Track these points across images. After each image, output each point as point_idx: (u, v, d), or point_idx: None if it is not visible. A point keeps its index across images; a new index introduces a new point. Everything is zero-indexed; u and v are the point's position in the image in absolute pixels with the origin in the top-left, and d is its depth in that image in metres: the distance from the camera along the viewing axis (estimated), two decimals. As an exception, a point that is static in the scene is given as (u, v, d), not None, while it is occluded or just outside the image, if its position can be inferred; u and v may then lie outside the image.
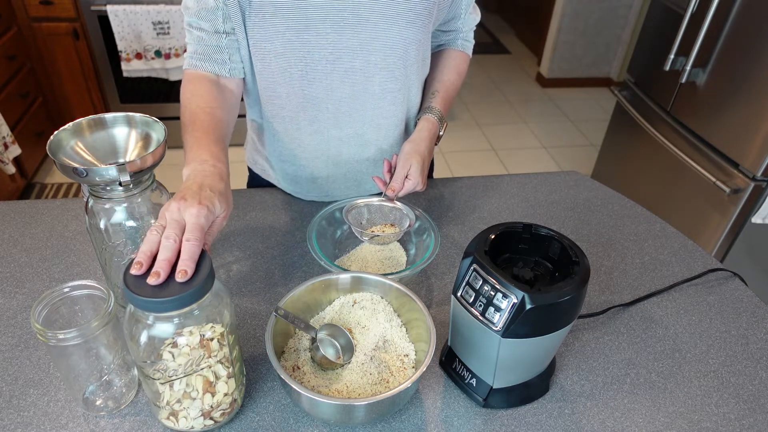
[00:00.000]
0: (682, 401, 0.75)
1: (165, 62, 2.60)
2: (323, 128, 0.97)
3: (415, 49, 0.92)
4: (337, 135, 0.98)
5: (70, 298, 0.66)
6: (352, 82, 0.91)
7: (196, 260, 0.59)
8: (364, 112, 0.96)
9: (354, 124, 0.97)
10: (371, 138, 1.00)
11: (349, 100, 0.93)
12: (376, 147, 1.02)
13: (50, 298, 0.64)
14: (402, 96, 0.97)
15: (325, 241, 0.90)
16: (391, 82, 0.93)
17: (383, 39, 0.87)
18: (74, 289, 0.66)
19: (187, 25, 0.89)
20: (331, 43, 0.86)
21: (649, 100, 2.12)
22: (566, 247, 0.69)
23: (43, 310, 0.63)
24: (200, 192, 0.65)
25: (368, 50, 0.88)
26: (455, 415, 0.72)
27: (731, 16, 1.68)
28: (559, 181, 1.20)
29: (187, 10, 0.87)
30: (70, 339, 0.61)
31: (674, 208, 2.02)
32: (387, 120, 0.98)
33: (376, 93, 0.94)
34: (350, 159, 1.02)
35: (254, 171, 1.17)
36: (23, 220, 1.02)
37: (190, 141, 0.77)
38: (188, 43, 0.90)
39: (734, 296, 0.92)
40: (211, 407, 0.64)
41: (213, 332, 0.61)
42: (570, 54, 3.88)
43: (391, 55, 0.90)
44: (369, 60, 0.89)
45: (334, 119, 0.96)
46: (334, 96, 0.92)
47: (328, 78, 0.90)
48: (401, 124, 1.01)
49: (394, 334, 0.75)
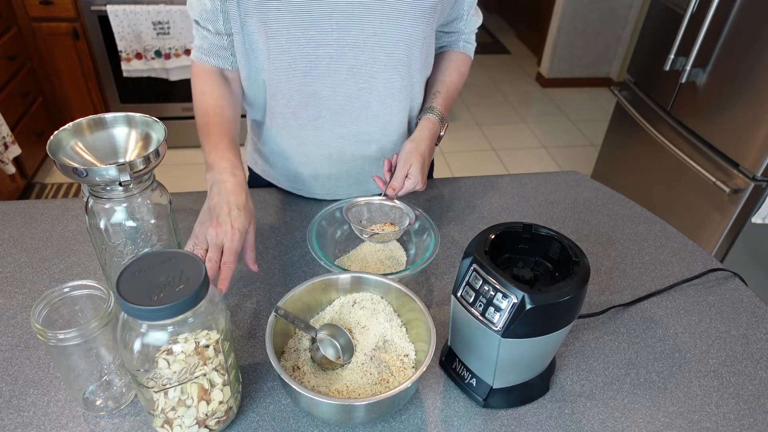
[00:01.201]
0: (682, 401, 0.75)
1: (165, 62, 2.60)
2: (326, 125, 0.97)
3: (420, 47, 0.92)
4: (340, 132, 0.98)
5: (70, 298, 0.66)
6: (356, 79, 0.91)
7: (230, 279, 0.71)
8: (367, 109, 0.96)
9: (357, 121, 0.97)
10: (374, 136, 1.00)
11: (353, 97, 0.93)
12: (378, 145, 1.02)
13: (50, 298, 0.64)
14: (405, 94, 0.97)
15: (325, 241, 0.90)
16: (396, 80, 0.93)
17: (388, 36, 0.87)
18: (74, 289, 0.66)
19: (193, 21, 0.93)
20: (336, 39, 0.86)
21: (649, 100, 2.12)
22: (566, 247, 0.69)
23: (43, 310, 0.63)
24: (230, 214, 0.76)
25: (373, 47, 0.88)
26: (455, 415, 0.72)
27: (731, 16, 1.68)
28: (559, 181, 1.20)
29: (191, 10, 0.91)
30: (70, 339, 0.61)
31: (674, 208, 2.02)
32: (390, 118, 0.98)
33: (380, 90, 0.94)
34: (352, 157, 1.02)
35: (254, 171, 1.17)
36: (23, 220, 1.02)
37: (207, 146, 0.87)
38: (194, 36, 0.95)
39: (734, 296, 0.92)
40: (206, 415, 0.63)
41: (208, 339, 0.60)
42: (570, 54, 3.88)
43: (396, 53, 0.90)
44: (374, 57, 0.89)
45: (337, 116, 0.96)
46: (338, 93, 0.93)
47: (332, 75, 0.90)
48: (404, 123, 1.01)
49: (394, 334, 0.75)
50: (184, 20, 2.50)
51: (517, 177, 1.20)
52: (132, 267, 0.58)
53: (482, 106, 3.72)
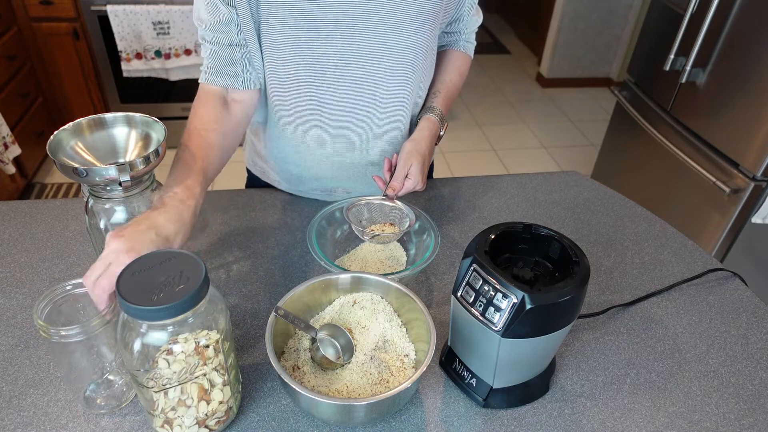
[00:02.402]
0: (682, 401, 0.75)
1: (165, 62, 2.60)
2: (329, 133, 0.97)
3: (423, 55, 0.92)
4: (343, 140, 0.98)
5: (73, 295, 0.66)
6: (360, 88, 0.91)
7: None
8: (371, 118, 0.96)
9: (360, 129, 0.97)
10: (377, 144, 1.00)
11: (357, 106, 0.93)
12: (381, 151, 1.02)
13: (53, 296, 0.65)
14: (409, 102, 0.97)
15: (324, 241, 0.90)
16: (399, 89, 0.93)
17: (392, 45, 0.87)
18: (76, 287, 0.66)
19: (201, 39, 0.88)
20: (340, 49, 0.86)
21: (649, 100, 2.12)
22: (566, 247, 0.69)
23: (45, 307, 0.64)
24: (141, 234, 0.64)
25: (377, 56, 0.88)
26: (455, 415, 0.72)
27: (731, 16, 1.68)
28: (559, 181, 1.20)
29: (201, 23, 0.86)
30: (72, 336, 0.61)
31: (674, 208, 2.02)
32: (393, 126, 0.99)
33: (383, 99, 0.94)
34: (354, 163, 1.03)
35: (253, 173, 1.17)
36: (23, 220, 1.02)
37: (175, 164, 0.78)
38: (203, 57, 0.90)
39: (734, 296, 0.92)
40: (206, 415, 0.63)
41: (208, 339, 0.60)
42: (570, 54, 3.87)
43: (400, 62, 0.90)
44: (377, 66, 0.89)
45: (340, 124, 0.96)
46: (342, 102, 0.92)
47: (336, 84, 0.90)
48: (406, 129, 1.02)
49: (394, 334, 0.75)
50: (184, 20, 2.49)
51: (517, 177, 1.20)
52: (132, 267, 0.58)
53: (482, 106, 3.72)
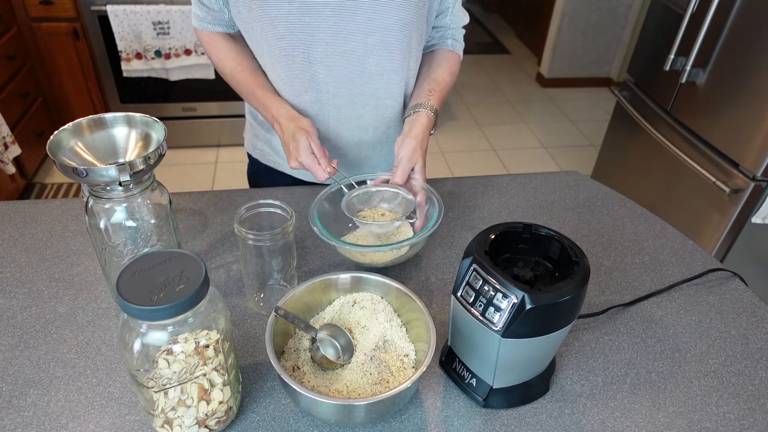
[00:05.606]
0: (682, 401, 0.75)
1: (165, 62, 2.60)
2: (324, 110, 1.01)
3: (410, 31, 0.95)
4: (337, 117, 1.02)
5: (258, 213, 0.82)
6: (348, 63, 0.95)
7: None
8: (362, 93, 1.00)
9: (352, 105, 1.01)
10: (369, 121, 1.04)
11: (348, 81, 0.97)
12: (374, 129, 1.06)
13: (243, 213, 0.79)
14: (398, 77, 1.00)
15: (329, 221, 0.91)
16: (388, 63, 0.97)
17: (379, 20, 0.91)
18: (263, 206, 0.81)
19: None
20: (331, 26, 0.90)
21: (649, 100, 2.12)
22: (566, 247, 0.69)
23: (244, 214, 0.79)
24: (300, 120, 0.93)
25: (365, 32, 0.92)
26: (455, 415, 0.72)
27: (731, 16, 1.68)
28: (559, 181, 1.20)
29: None
30: (261, 240, 0.76)
31: (674, 208, 2.02)
32: (384, 101, 1.02)
33: (372, 74, 0.97)
34: (349, 142, 1.07)
35: (254, 156, 1.20)
36: (23, 220, 1.02)
37: (256, 104, 1.01)
38: (193, 7, 1.00)
39: (734, 296, 0.92)
40: (206, 415, 0.63)
41: (208, 339, 0.60)
42: (570, 54, 3.88)
43: (387, 36, 0.93)
44: (366, 41, 0.93)
45: (333, 101, 1.00)
46: (333, 78, 0.96)
47: (327, 60, 0.94)
48: (398, 107, 1.05)
49: (394, 334, 0.75)
50: (184, 20, 2.50)
51: (517, 177, 1.20)
52: (132, 267, 0.58)
53: (482, 106, 3.72)
